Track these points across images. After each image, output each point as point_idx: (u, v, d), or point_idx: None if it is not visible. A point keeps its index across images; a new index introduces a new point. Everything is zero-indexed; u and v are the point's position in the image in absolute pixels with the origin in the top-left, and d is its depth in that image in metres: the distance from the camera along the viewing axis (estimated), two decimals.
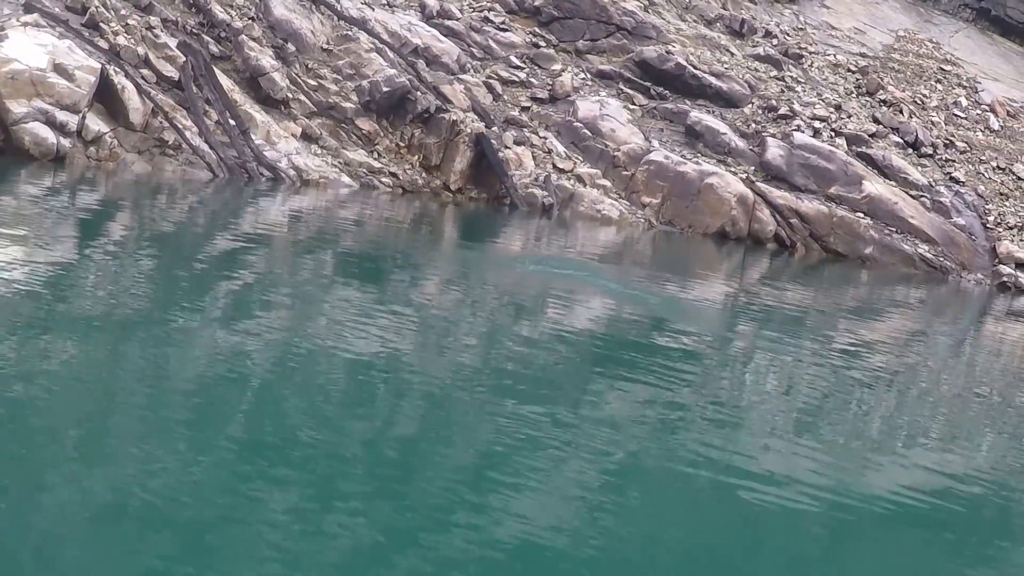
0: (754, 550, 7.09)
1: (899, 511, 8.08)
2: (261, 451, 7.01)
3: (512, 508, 6.79)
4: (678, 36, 28.74)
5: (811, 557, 7.20)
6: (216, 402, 7.80)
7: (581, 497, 7.19)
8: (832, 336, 15.85)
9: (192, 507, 5.99)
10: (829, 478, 8.51)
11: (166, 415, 7.29)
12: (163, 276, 11.72)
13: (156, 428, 7.02)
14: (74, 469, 6.24)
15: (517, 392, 9.33)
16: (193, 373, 8.37)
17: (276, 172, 20.32)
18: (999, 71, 34.05)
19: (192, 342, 9.20)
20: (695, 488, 7.90)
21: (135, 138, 19.23)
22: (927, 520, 8.12)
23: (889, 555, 7.37)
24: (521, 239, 20.99)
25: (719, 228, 24.70)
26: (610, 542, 6.65)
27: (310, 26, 23.77)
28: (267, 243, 15.43)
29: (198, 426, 7.21)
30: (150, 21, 21.47)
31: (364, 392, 8.74)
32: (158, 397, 7.66)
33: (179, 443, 6.85)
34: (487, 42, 26.82)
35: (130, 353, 8.58)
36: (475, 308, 13.20)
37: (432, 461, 7.44)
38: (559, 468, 7.65)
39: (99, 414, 7.18)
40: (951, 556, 7.72)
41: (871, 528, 7.70)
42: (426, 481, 7.02)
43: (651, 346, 12.43)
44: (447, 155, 22.86)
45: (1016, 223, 27.53)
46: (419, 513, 6.53)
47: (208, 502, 6.12)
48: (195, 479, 6.39)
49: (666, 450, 8.58)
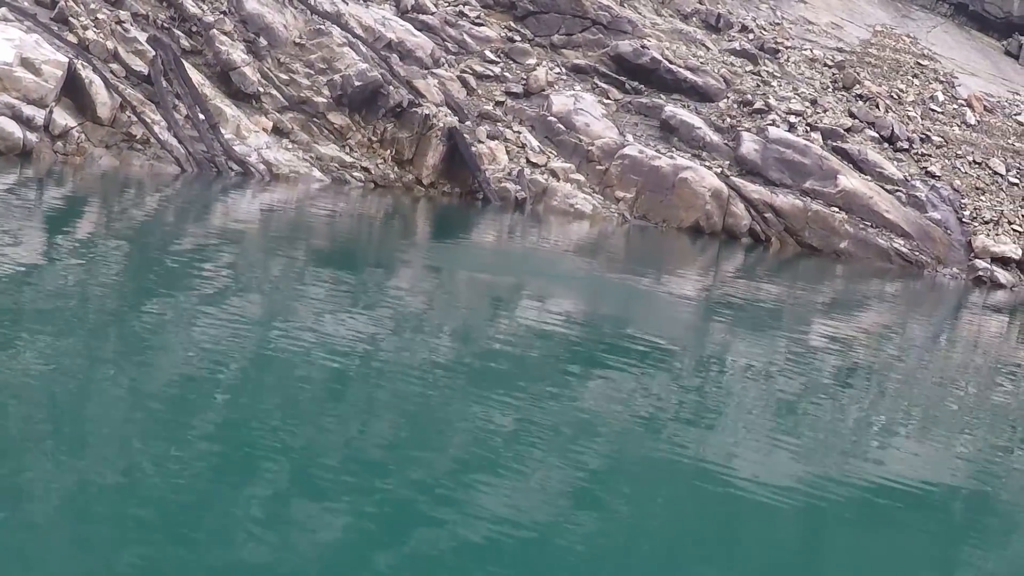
0: (732, 544, 7.07)
1: (876, 504, 8.08)
2: (236, 446, 6.95)
3: (489, 502, 6.75)
4: (654, 31, 28.72)
5: (789, 549, 7.18)
6: (189, 398, 7.69)
7: (558, 492, 7.16)
8: (808, 331, 15.83)
9: (167, 503, 5.93)
10: (806, 471, 8.51)
11: (138, 413, 7.19)
12: (130, 272, 11.63)
13: (128, 426, 6.93)
14: (46, 466, 6.15)
15: (491, 388, 9.25)
16: (163, 371, 8.25)
17: (245, 167, 20.22)
18: (976, 66, 34.11)
19: (161, 340, 9.08)
20: (673, 482, 7.88)
21: (103, 132, 19.11)
22: (904, 513, 8.12)
23: (866, 548, 7.37)
24: (493, 234, 20.93)
25: (693, 223, 24.66)
26: (588, 537, 6.60)
27: (283, 20, 23.66)
28: (235, 239, 15.33)
29: (171, 422, 7.10)
30: (120, 15, 21.34)
31: (338, 386, 8.65)
32: (127, 395, 7.56)
33: (152, 440, 6.75)
34: (462, 36, 26.75)
35: (99, 351, 8.45)
36: (446, 304, 13.11)
37: (408, 456, 7.37)
38: (535, 463, 7.60)
39: (70, 411, 7.07)
40: (928, 547, 7.72)
41: (848, 521, 7.72)
42: (403, 475, 6.98)
43: (625, 342, 12.34)
44: (419, 149, 22.78)
45: (992, 217, 27.55)
46: (397, 507, 6.48)
47: (182, 497, 6.05)
48: (169, 475, 6.30)
49: (643, 445, 8.54)
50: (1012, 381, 15.19)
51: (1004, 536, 8.29)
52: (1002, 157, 29.59)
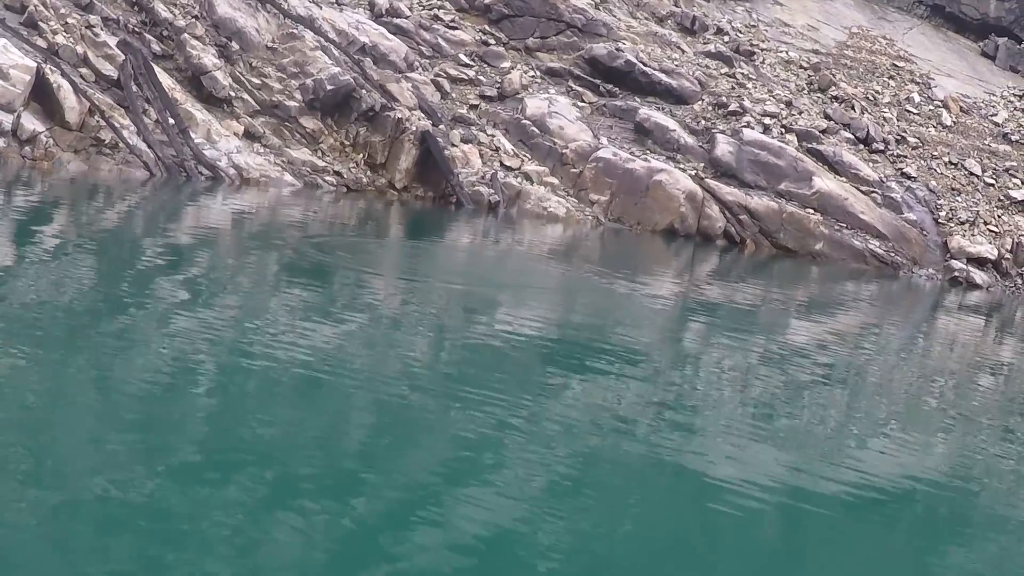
0: (713, 545, 7.03)
1: (854, 504, 8.07)
2: (209, 453, 6.86)
3: (467, 508, 6.69)
4: (629, 33, 28.71)
5: (768, 549, 7.15)
6: (153, 406, 7.53)
7: (537, 496, 7.09)
8: (784, 332, 15.82)
9: (140, 511, 5.86)
10: (784, 471, 8.50)
11: (108, 421, 7.10)
12: (93, 279, 11.50)
13: (98, 434, 6.84)
14: (17, 476, 6.06)
15: (469, 391, 9.14)
16: (131, 378, 8.09)
17: (215, 171, 20.14)
18: (953, 67, 34.17)
19: (129, 346, 8.97)
20: (652, 484, 7.86)
21: (71, 137, 19.02)
22: (882, 512, 8.10)
23: (845, 547, 7.35)
24: (467, 238, 20.88)
25: (668, 225, 24.63)
26: (569, 539, 6.54)
27: (255, 24, 23.61)
28: (200, 246, 15.22)
29: (143, 430, 7.01)
30: (90, 20, 21.27)
31: (310, 393, 8.51)
32: (97, 403, 7.46)
33: (123, 448, 6.68)
34: (436, 40, 26.72)
35: (67, 359, 8.34)
36: (419, 310, 12.98)
37: (385, 460, 7.30)
38: (514, 467, 7.54)
39: (41, 420, 6.97)
40: (907, 544, 7.72)
41: (827, 521, 7.69)
42: (381, 481, 6.92)
43: (601, 346, 12.21)
44: (392, 153, 22.73)
45: (968, 218, 27.60)
46: (375, 512, 6.43)
47: (153, 504, 5.97)
48: (138, 482, 6.22)
49: (621, 448, 8.47)
50: (987, 382, 15.18)
51: (982, 533, 8.27)
52: (978, 158, 29.64)
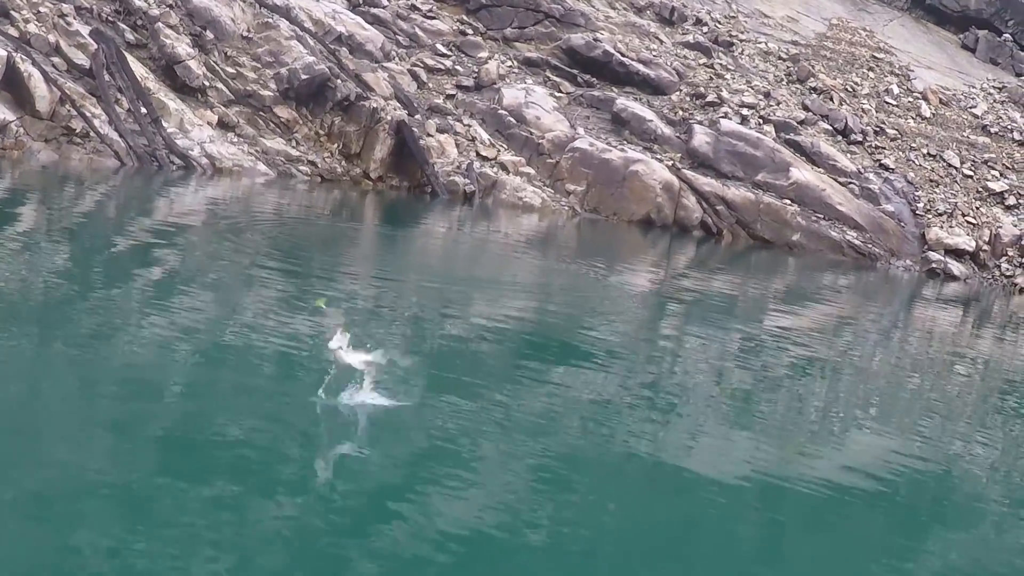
0: (690, 536, 6.98)
1: (832, 493, 8.05)
2: (181, 445, 6.77)
3: (446, 502, 6.62)
4: (607, 24, 28.67)
5: (746, 537, 7.10)
6: (133, 396, 7.46)
7: (519, 487, 7.03)
8: (761, 323, 15.78)
9: (113, 501, 5.79)
10: (761, 460, 8.48)
11: (82, 411, 7.02)
12: (61, 268, 11.39)
13: (72, 424, 6.77)
14: None
15: (446, 384, 9.06)
16: (105, 369, 8.01)
17: (187, 160, 20.05)
18: (933, 59, 34.20)
19: (102, 337, 8.87)
20: (628, 474, 7.81)
21: (42, 126, 18.94)
22: (860, 501, 8.06)
23: (824, 535, 7.34)
24: (443, 227, 20.81)
25: (644, 215, 24.62)
26: (551, 531, 6.48)
27: (230, 14, 23.52)
28: (167, 237, 15.04)
29: (116, 420, 6.93)
30: (63, 9, 21.16)
31: (288, 384, 8.42)
32: (71, 394, 7.38)
33: (96, 439, 6.61)
34: (413, 30, 26.65)
35: (40, 349, 8.27)
36: (393, 302, 12.83)
37: (359, 457, 7.19)
38: (492, 460, 7.49)
39: (14, 410, 6.89)
40: (884, 532, 7.68)
41: (804, 510, 7.67)
42: (358, 472, 6.86)
43: (577, 338, 12.11)
44: (367, 143, 22.67)
45: (946, 209, 27.64)
46: (352, 505, 6.37)
47: (128, 495, 5.91)
48: (115, 472, 6.17)
49: (601, 439, 8.41)
50: (962, 373, 15.15)
51: (959, 520, 8.26)
52: (957, 149, 29.69)
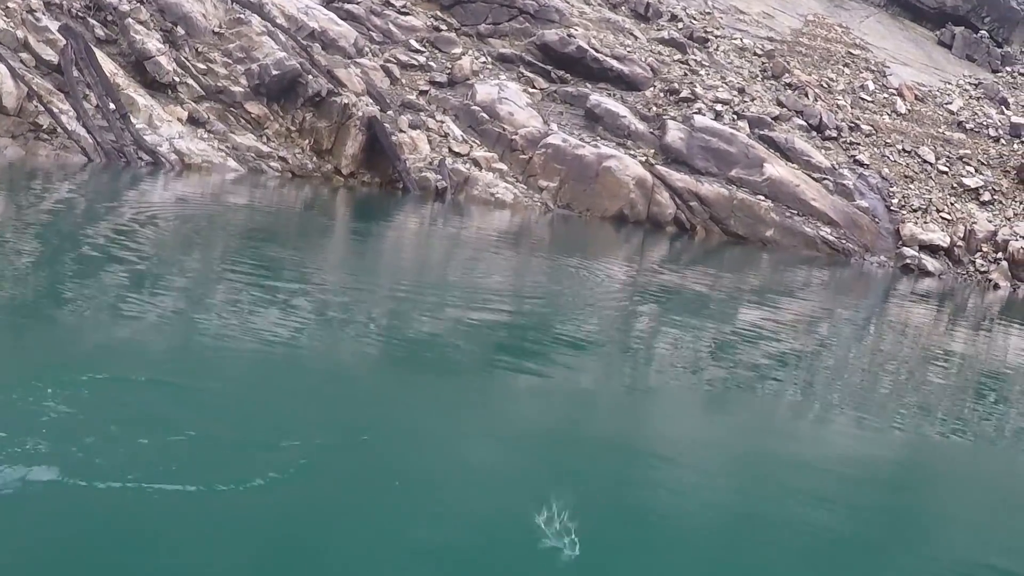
0: (667, 528, 6.94)
1: (809, 491, 8.00)
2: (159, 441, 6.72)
3: (427, 501, 6.55)
4: (581, 20, 28.64)
5: (721, 534, 7.06)
6: (109, 393, 7.38)
7: (497, 486, 6.98)
8: (735, 319, 15.72)
9: (95, 496, 5.74)
10: (737, 455, 8.45)
11: (58, 410, 6.96)
12: (33, 266, 11.31)
13: (46, 424, 6.71)
14: None
15: (421, 380, 8.99)
16: (78, 367, 7.92)
17: (156, 156, 19.96)
18: (909, 56, 34.27)
19: (71, 336, 8.79)
20: (605, 467, 7.76)
21: (8, 122, 18.83)
22: (836, 497, 8.03)
23: (800, 535, 7.28)
24: (414, 223, 20.74)
25: (617, 211, 24.60)
26: (527, 532, 6.45)
27: (202, 9, 23.42)
28: (130, 234, 14.96)
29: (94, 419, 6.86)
30: (31, 4, 21.04)
31: (263, 379, 8.35)
32: (43, 393, 7.32)
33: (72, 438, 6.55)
34: (387, 26, 26.59)
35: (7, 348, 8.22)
36: (368, 299, 12.73)
37: (338, 453, 7.12)
38: (471, 455, 7.43)
39: None
40: (861, 529, 7.64)
41: (781, 507, 7.62)
42: (334, 470, 6.78)
43: (552, 334, 11.95)
44: (339, 139, 22.60)
45: (920, 205, 27.72)
46: (330, 503, 6.31)
47: (109, 491, 5.85)
48: (96, 469, 6.11)
49: (575, 437, 8.36)
50: (938, 369, 15.15)
51: (935, 518, 8.25)
52: (932, 146, 29.78)
